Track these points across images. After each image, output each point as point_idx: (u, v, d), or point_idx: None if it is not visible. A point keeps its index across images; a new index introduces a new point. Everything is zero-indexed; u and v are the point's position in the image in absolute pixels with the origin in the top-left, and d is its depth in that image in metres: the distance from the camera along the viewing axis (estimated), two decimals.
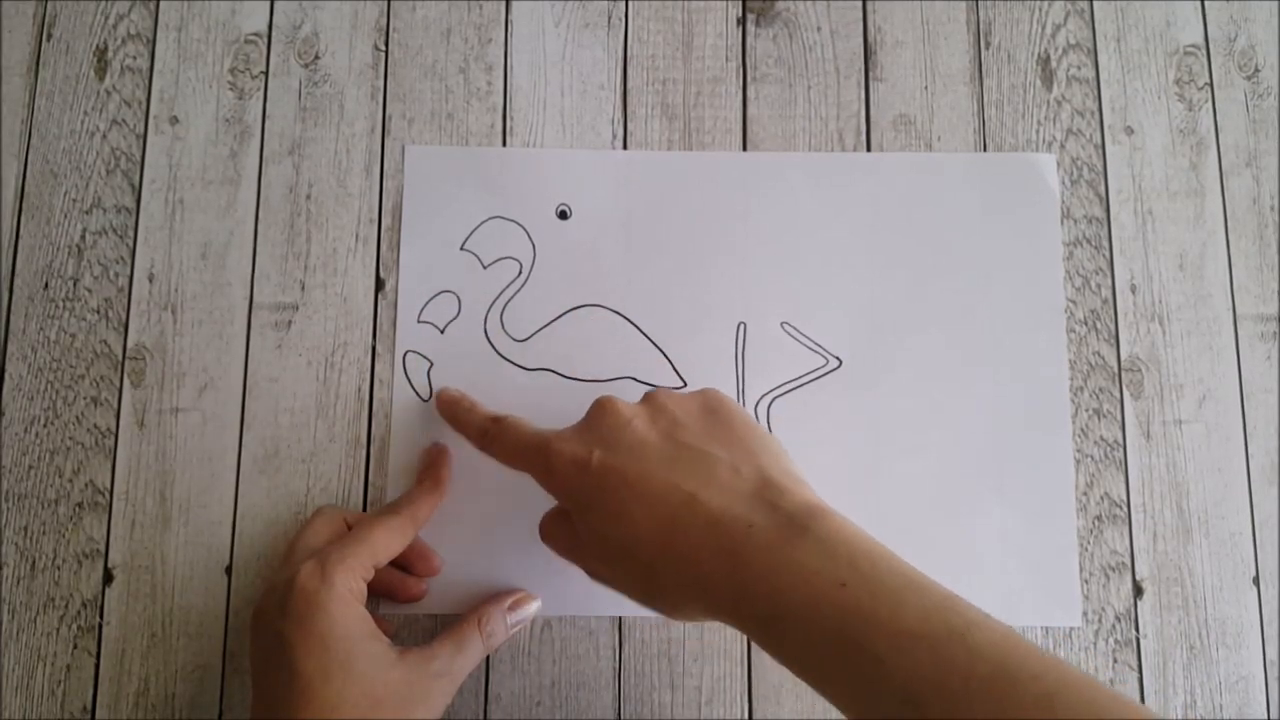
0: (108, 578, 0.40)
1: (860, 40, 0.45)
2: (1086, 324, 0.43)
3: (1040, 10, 0.46)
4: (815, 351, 0.42)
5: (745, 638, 0.40)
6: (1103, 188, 0.44)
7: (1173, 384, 0.43)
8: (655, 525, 0.31)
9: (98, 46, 0.45)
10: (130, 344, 0.42)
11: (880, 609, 0.27)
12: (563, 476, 0.33)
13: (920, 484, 0.41)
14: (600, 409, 0.34)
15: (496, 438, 0.37)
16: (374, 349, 0.42)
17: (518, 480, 0.41)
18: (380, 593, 0.39)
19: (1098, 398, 0.42)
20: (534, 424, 0.36)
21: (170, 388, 0.42)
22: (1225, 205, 0.44)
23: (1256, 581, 0.41)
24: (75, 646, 0.40)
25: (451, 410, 0.40)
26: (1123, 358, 0.43)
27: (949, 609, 0.27)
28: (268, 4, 0.45)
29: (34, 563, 0.40)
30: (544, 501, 0.41)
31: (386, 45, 0.45)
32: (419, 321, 0.43)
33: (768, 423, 0.42)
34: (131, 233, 0.43)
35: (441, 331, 0.42)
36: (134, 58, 0.45)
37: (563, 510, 0.35)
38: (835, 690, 0.28)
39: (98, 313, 0.42)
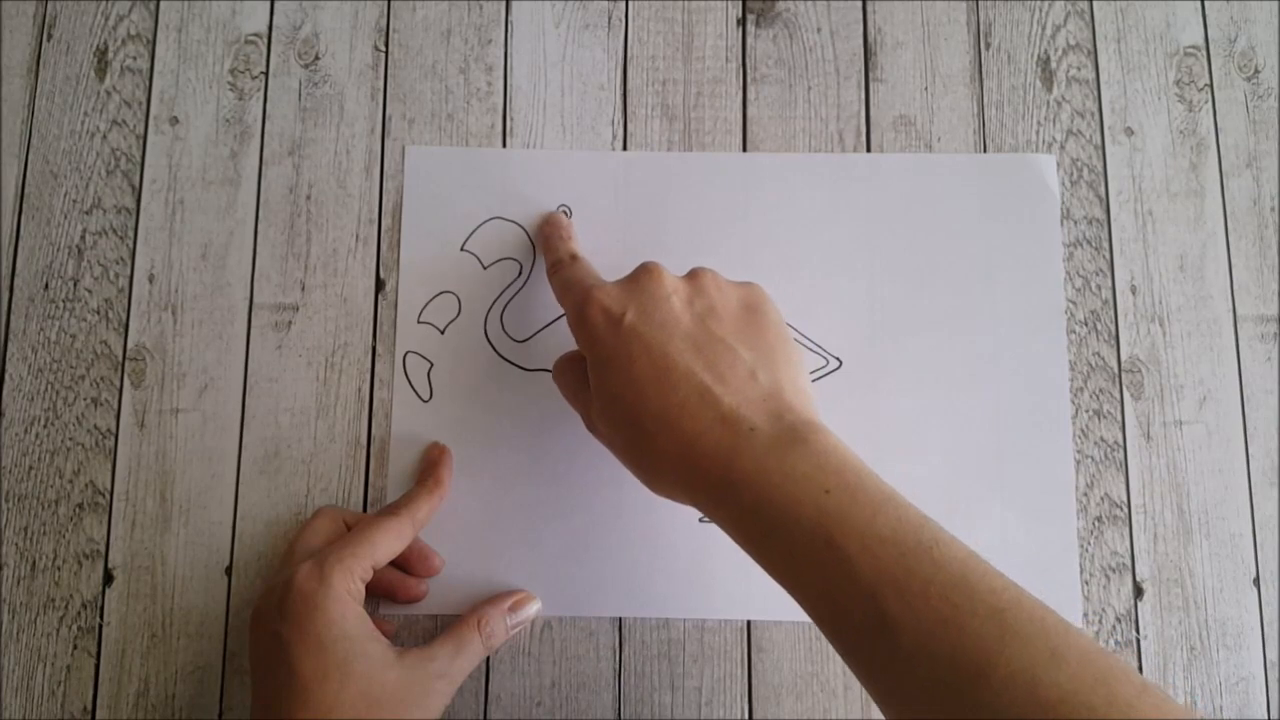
0: (108, 578, 0.40)
1: (860, 41, 0.45)
2: (1087, 325, 0.43)
3: (1040, 11, 0.46)
4: (815, 352, 0.42)
5: (745, 638, 0.40)
6: (1103, 189, 0.44)
7: (1173, 385, 0.43)
8: (665, 403, 0.31)
9: (98, 47, 0.45)
10: (130, 344, 0.42)
11: (857, 515, 0.28)
12: (591, 326, 0.34)
13: (920, 485, 0.41)
14: (646, 273, 0.35)
15: (563, 271, 0.38)
16: (374, 349, 0.42)
17: (518, 481, 0.41)
18: (380, 593, 0.39)
19: (1098, 399, 0.42)
20: (596, 271, 0.38)
21: (170, 388, 0.42)
22: (1225, 206, 0.44)
23: (1257, 582, 0.41)
24: (75, 647, 0.40)
25: (549, 230, 0.41)
26: (1123, 359, 0.43)
27: (921, 526, 0.28)
28: (268, 4, 0.45)
29: (34, 563, 0.40)
30: (546, 507, 0.41)
31: (386, 46, 0.45)
32: (419, 322, 0.43)
33: None
34: (131, 233, 0.43)
35: (441, 332, 0.42)
36: (134, 58, 0.45)
37: (577, 358, 0.36)
38: (803, 587, 0.29)
39: (98, 313, 0.42)
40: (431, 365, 0.42)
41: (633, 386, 0.32)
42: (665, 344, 0.32)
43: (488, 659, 0.40)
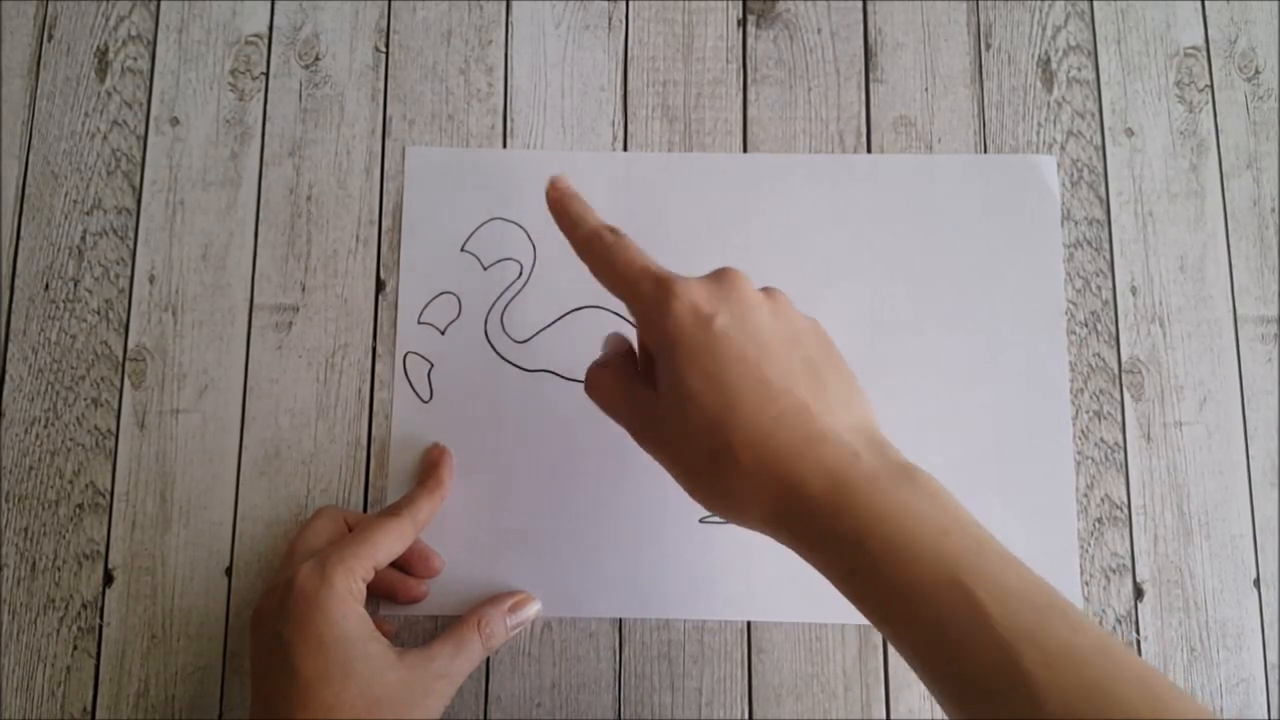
0: (108, 579, 0.40)
1: (860, 42, 0.45)
2: (1087, 326, 0.43)
3: (1041, 12, 0.46)
4: None
5: (745, 639, 0.40)
6: (1103, 189, 0.44)
7: (1173, 386, 0.43)
8: (760, 417, 0.29)
9: (99, 47, 0.45)
10: (131, 345, 0.42)
11: (986, 562, 0.27)
12: (676, 320, 0.30)
13: None
14: (729, 278, 0.32)
15: (608, 248, 0.33)
16: (374, 350, 0.42)
17: (518, 481, 0.41)
18: (381, 594, 0.39)
19: (1098, 399, 0.42)
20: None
21: (171, 389, 0.42)
22: (1226, 207, 0.44)
23: (1257, 584, 0.41)
24: (75, 648, 0.40)
25: (564, 202, 0.34)
26: (1123, 359, 0.43)
27: (1050, 590, 0.27)
28: (268, 5, 0.45)
29: (34, 564, 0.40)
30: (546, 508, 0.41)
31: (387, 47, 0.45)
32: (419, 323, 0.43)
33: None
34: (132, 234, 0.43)
35: (442, 333, 0.42)
36: (135, 59, 0.45)
37: (622, 363, 0.34)
38: (912, 629, 0.27)
39: (98, 314, 0.42)
40: (432, 366, 0.42)
41: (721, 393, 0.30)
42: (761, 356, 0.30)
43: (488, 659, 0.40)
